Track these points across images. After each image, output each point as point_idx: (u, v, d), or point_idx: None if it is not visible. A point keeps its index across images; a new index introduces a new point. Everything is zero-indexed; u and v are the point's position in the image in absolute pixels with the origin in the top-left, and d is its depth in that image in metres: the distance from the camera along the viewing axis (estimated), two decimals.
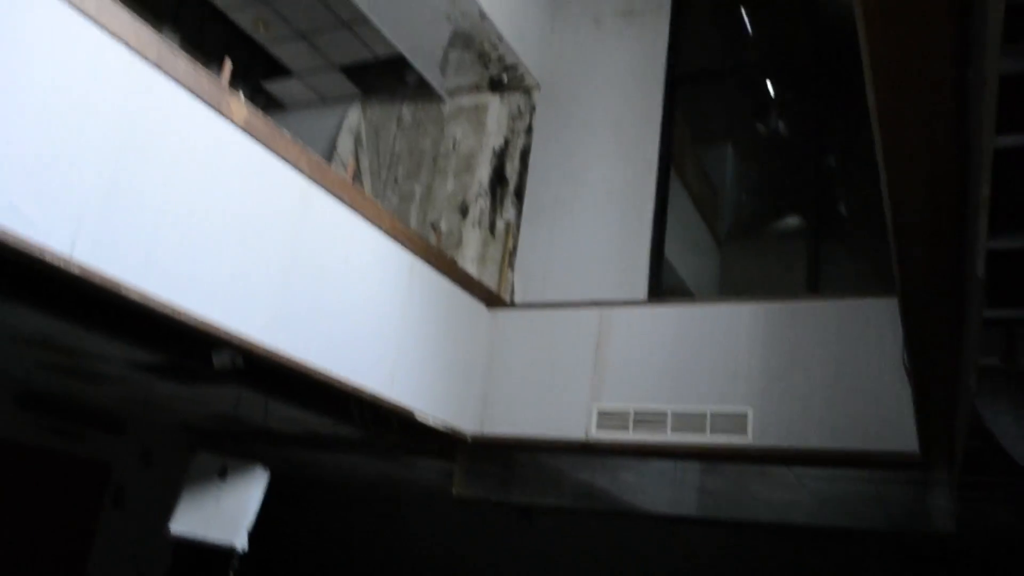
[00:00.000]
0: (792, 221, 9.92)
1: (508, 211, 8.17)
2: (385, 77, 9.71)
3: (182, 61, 4.44)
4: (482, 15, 7.68)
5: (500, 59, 8.33)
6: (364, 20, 8.47)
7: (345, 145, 9.92)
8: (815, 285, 6.92)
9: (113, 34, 4.02)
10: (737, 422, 6.16)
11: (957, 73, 2.10)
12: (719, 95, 10.24)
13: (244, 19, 9.30)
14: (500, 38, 7.99)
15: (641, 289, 7.30)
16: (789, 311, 6.46)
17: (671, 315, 6.90)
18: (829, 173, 8.64)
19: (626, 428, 6.53)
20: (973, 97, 2.14)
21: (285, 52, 9.71)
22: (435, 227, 8.39)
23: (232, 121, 4.76)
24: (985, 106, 1.92)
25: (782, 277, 9.08)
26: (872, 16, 1.95)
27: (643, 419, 6.49)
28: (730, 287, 10.71)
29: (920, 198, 2.61)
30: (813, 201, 7.61)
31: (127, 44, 4.09)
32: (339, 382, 5.55)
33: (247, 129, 4.86)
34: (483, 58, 8.36)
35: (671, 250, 7.86)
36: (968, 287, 2.88)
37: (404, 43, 8.31)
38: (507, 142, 8.54)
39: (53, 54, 3.77)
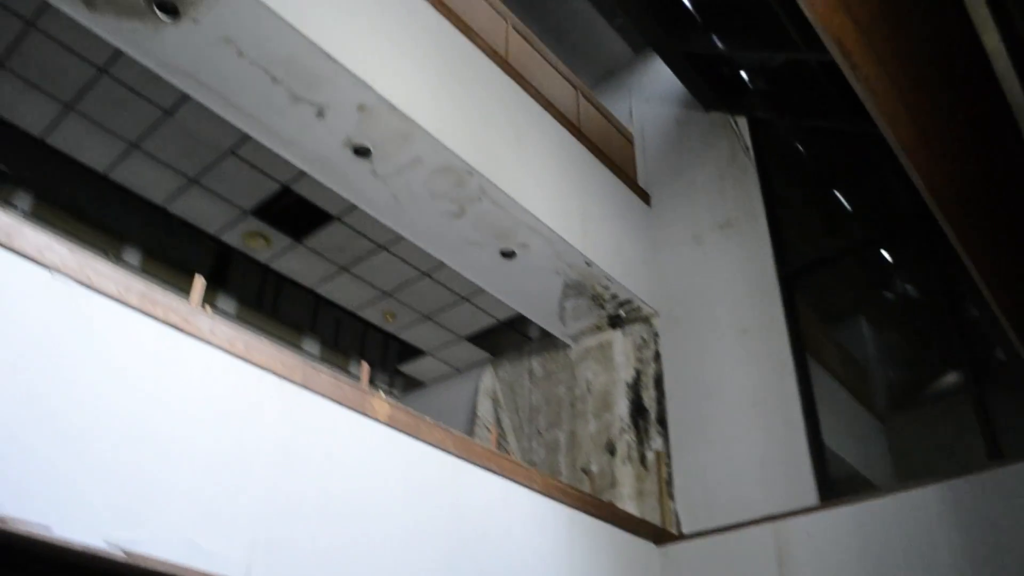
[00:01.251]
0: (950, 379, 9.39)
1: (655, 440, 8.09)
2: (510, 336, 10.13)
3: (325, 376, 4.82)
4: (588, 263, 8.06)
5: (614, 297, 8.62)
6: (480, 291, 9.02)
7: (484, 407, 10.20)
8: (995, 449, 6.42)
9: (262, 367, 4.44)
10: None
11: None
12: (837, 274, 10.15)
13: (374, 314, 10.06)
14: (609, 279, 8.31)
15: (811, 492, 6.94)
16: (977, 485, 5.98)
17: (850, 514, 6.48)
18: (973, 321, 8.27)
19: None
20: None
21: (414, 335, 10.34)
22: (586, 471, 8.35)
23: (377, 419, 5.05)
24: None
25: (957, 443, 8.48)
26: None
27: None
28: (903, 463, 10.01)
29: None
30: (966, 354, 7.25)
31: (275, 373, 4.50)
32: None
33: (392, 424, 5.15)
34: (597, 299, 8.66)
35: (832, 440, 7.52)
36: None
37: (521, 303, 8.73)
38: (638, 373, 8.62)
39: (216, 394, 4.19)
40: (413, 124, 6.53)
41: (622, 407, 8.56)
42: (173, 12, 5.71)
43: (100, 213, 8.63)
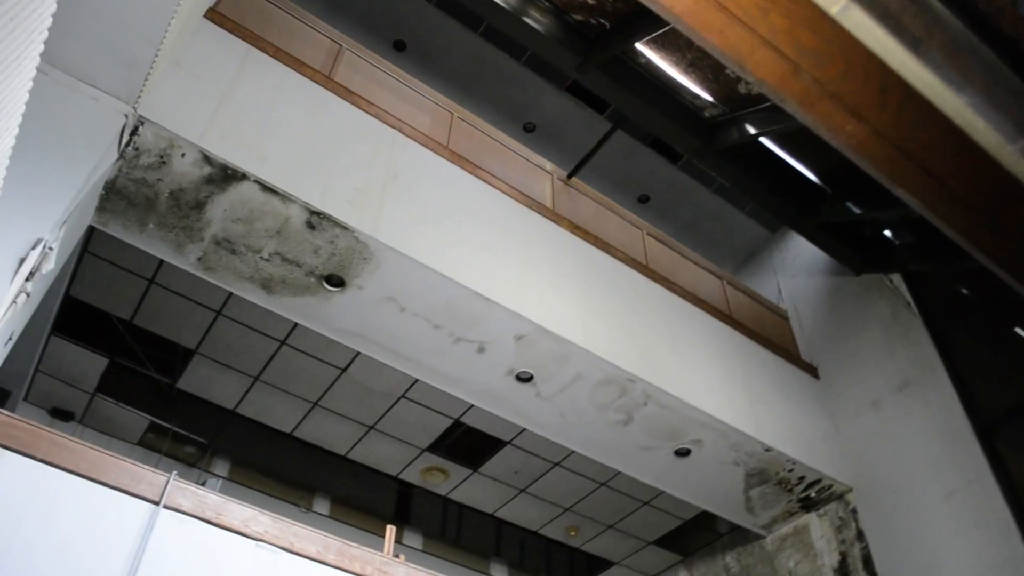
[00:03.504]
0: None
1: None
2: (698, 534, 9.77)
3: None
4: (767, 448, 7.83)
5: (801, 479, 8.26)
6: (660, 493, 8.86)
7: None
8: None
9: None
10: None
11: None
12: None
13: (556, 531, 9.98)
14: (792, 461, 8.02)
15: None
16: None
17: None
18: None
19: None
20: None
21: (600, 547, 10.14)
22: None
23: None
24: None
25: None
26: None
27: None
28: None
29: None
30: None
31: None
32: None
33: None
34: (784, 484, 8.32)
35: None
36: None
37: (704, 500, 8.49)
38: (843, 556, 8.08)
39: None
40: (569, 344, 6.75)
41: None
42: (339, 284, 6.28)
43: (290, 469, 9.17)
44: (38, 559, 3.39)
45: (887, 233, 9.26)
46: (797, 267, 10.41)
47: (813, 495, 8.46)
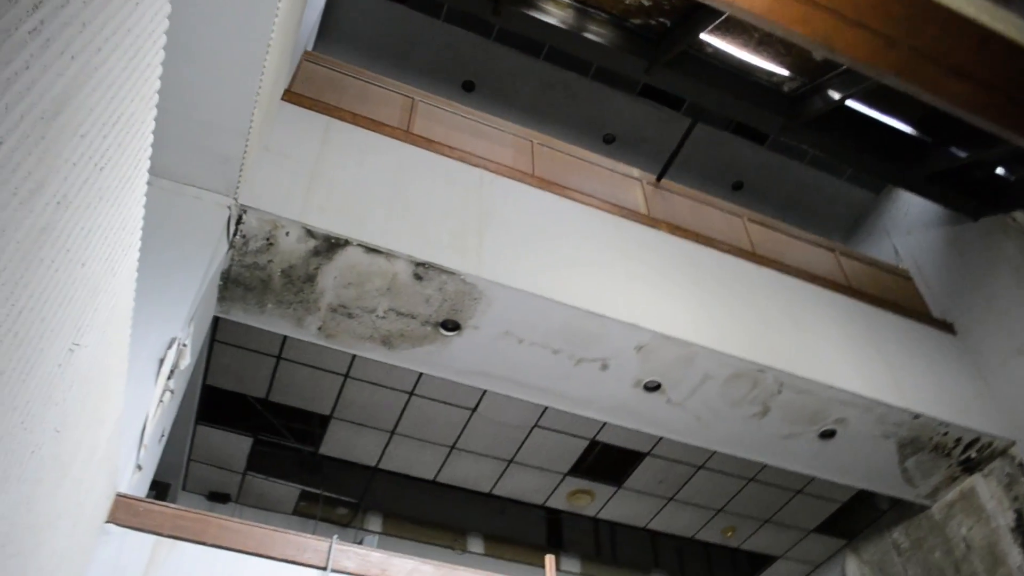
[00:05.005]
0: None
1: None
2: (859, 515, 9.44)
3: None
4: (915, 416, 7.53)
5: (957, 441, 7.90)
6: (811, 479, 8.63)
7: None
8: None
9: None
10: None
11: None
12: None
13: (712, 534, 9.82)
14: (944, 424, 7.68)
15: None
16: None
17: None
18: None
19: None
20: None
21: (759, 543, 9.92)
22: None
23: None
24: None
25: None
26: None
27: None
28: None
29: None
30: None
31: None
32: None
33: None
34: (940, 449, 7.98)
35: None
36: None
37: (859, 479, 8.21)
38: (1019, 513, 7.68)
39: None
40: (691, 345, 6.69)
41: (1016, 557, 7.57)
42: (455, 328, 6.41)
43: (439, 514, 9.33)
44: None
45: (1000, 171, 8.84)
46: (910, 224, 10.03)
47: (974, 455, 8.07)
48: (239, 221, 5.64)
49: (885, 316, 8.51)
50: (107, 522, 3.72)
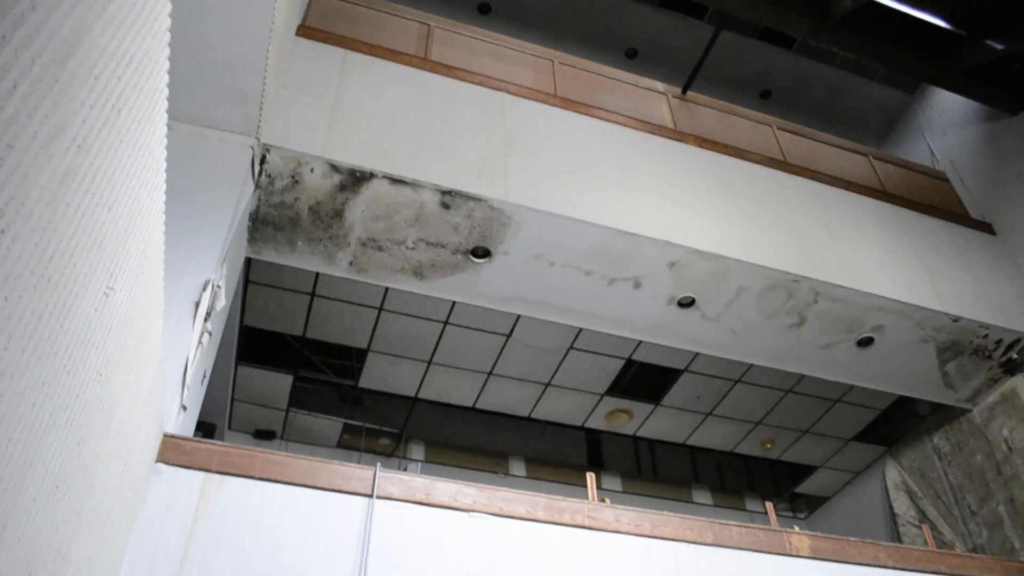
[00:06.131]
0: None
1: None
2: (899, 421, 9.43)
3: (735, 529, 4.82)
4: (955, 319, 7.44)
5: (998, 343, 7.82)
6: (850, 388, 8.60)
7: (900, 503, 9.42)
8: None
9: (672, 539, 4.56)
10: None
11: None
12: None
13: (751, 447, 9.88)
14: (985, 326, 7.59)
15: None
16: None
17: None
18: None
19: None
20: None
21: (799, 453, 9.96)
22: None
23: (800, 555, 4.91)
24: None
25: None
26: None
27: None
28: None
29: None
30: None
31: (686, 540, 4.62)
32: None
33: (816, 555, 4.96)
34: (981, 352, 7.90)
35: None
36: None
37: (899, 385, 8.18)
38: None
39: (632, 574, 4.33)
40: (723, 259, 6.62)
41: None
42: (486, 254, 6.39)
43: (480, 439, 9.47)
44: (278, 566, 3.67)
45: None
46: (946, 123, 9.76)
47: (1015, 356, 7.98)
48: (263, 161, 5.62)
49: (922, 219, 8.36)
50: (157, 461, 3.81)
